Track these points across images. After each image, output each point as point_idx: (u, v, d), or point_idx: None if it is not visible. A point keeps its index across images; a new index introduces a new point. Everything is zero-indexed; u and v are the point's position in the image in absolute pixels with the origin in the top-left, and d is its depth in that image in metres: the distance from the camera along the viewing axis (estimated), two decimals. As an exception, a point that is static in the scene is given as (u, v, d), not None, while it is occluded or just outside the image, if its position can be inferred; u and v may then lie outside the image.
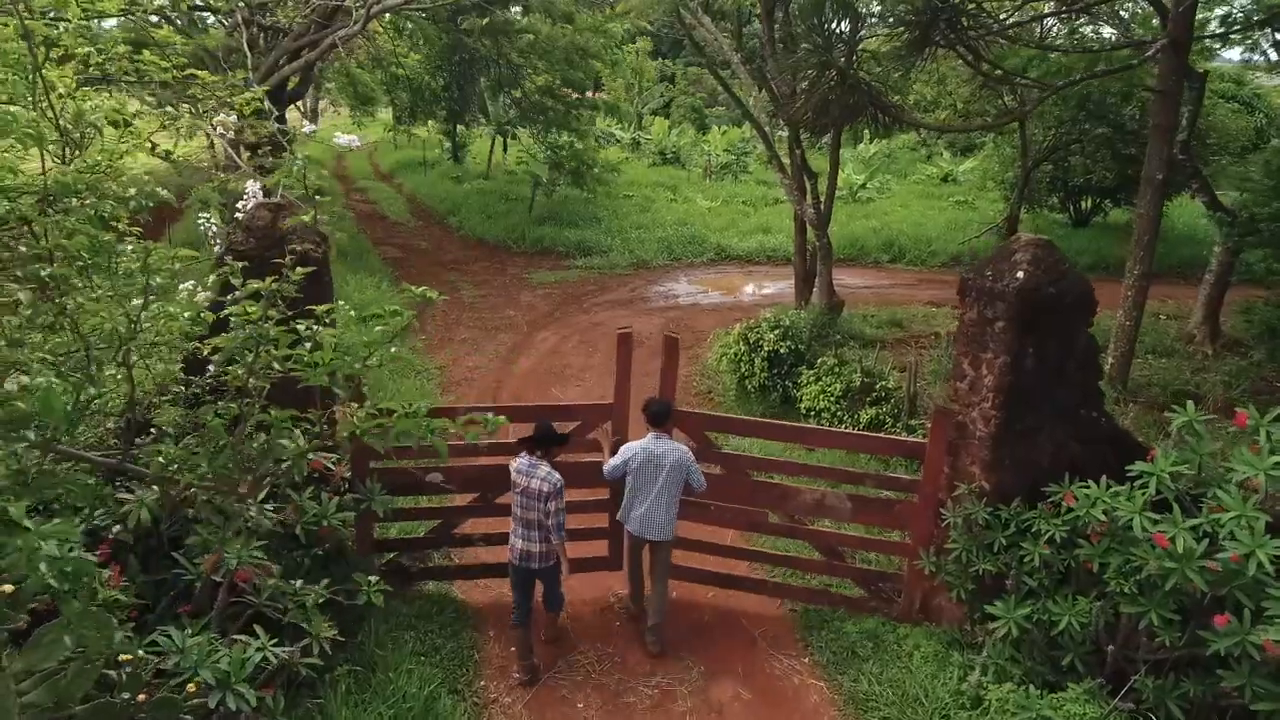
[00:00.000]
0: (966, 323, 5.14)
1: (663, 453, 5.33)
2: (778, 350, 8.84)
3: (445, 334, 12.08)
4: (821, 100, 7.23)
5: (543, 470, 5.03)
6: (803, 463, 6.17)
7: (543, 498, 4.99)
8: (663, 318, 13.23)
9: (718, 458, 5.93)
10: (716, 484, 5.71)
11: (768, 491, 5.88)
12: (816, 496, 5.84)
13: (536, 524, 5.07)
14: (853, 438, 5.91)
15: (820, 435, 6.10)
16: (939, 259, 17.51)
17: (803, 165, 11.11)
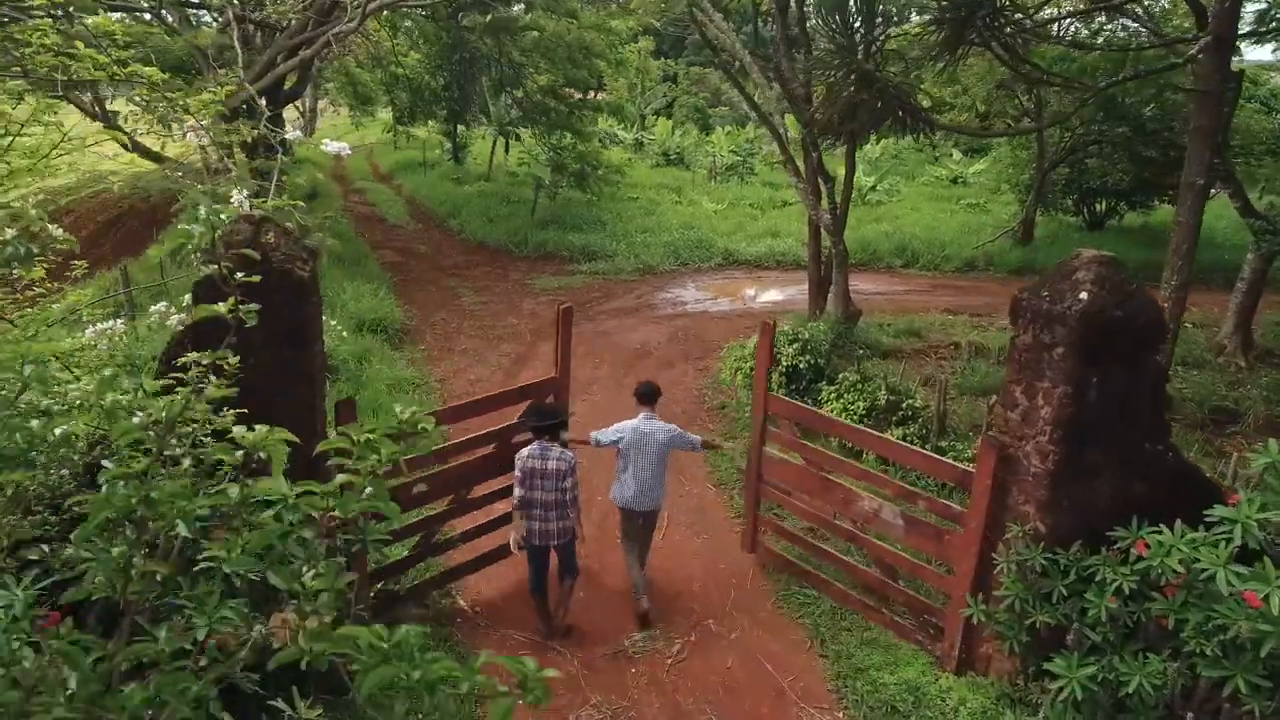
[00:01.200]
0: (1019, 347, 4.67)
1: (652, 431, 5.81)
2: (796, 365, 8.37)
3: (446, 344, 11.61)
4: (847, 104, 6.76)
5: (555, 451, 5.42)
6: (864, 468, 5.78)
7: (561, 476, 5.38)
8: (670, 326, 12.76)
9: (800, 447, 6.08)
10: (795, 473, 6.03)
11: (834, 491, 5.83)
12: (875, 507, 5.58)
13: (555, 504, 5.41)
14: (903, 450, 5.48)
15: (883, 443, 5.71)
16: (953, 264, 17.03)
17: (819, 169, 10.64)
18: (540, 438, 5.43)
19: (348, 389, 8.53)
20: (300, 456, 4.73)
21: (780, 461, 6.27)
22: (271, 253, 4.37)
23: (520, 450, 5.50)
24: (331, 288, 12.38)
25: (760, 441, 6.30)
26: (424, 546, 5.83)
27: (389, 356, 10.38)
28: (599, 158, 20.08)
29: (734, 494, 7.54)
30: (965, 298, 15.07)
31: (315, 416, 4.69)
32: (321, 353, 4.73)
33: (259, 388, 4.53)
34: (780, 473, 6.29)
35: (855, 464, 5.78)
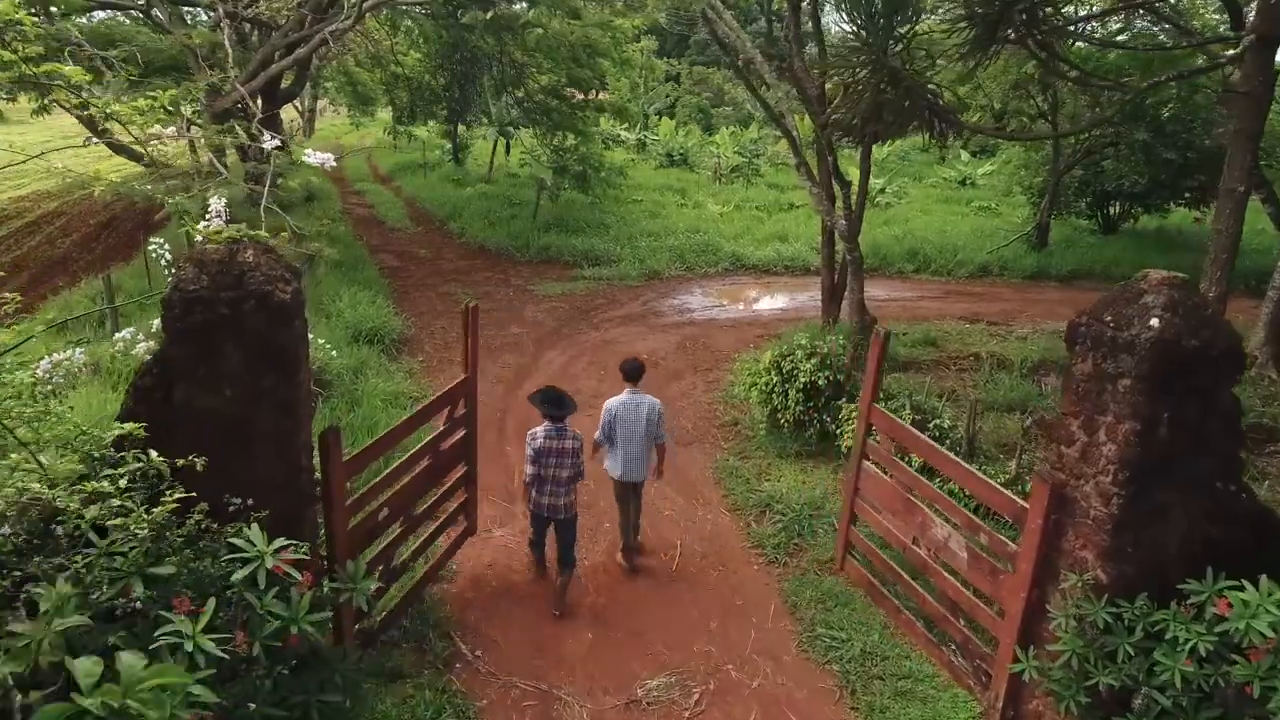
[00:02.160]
0: (1077, 377, 4.23)
1: (639, 403, 6.22)
2: (815, 381, 7.93)
3: (444, 354, 11.17)
4: (871, 104, 6.31)
5: (570, 432, 5.91)
6: (940, 492, 5.37)
7: (575, 454, 5.88)
8: (678, 335, 12.32)
9: (891, 463, 5.82)
10: (883, 489, 5.82)
11: (915, 514, 5.49)
12: (945, 535, 5.21)
13: (566, 480, 5.88)
14: (967, 476, 5.06)
15: (946, 460, 5.30)
16: (966, 269, 16.59)
17: (834, 172, 10.19)
18: (553, 420, 5.87)
19: (342, 406, 8.09)
20: (282, 493, 4.32)
21: (875, 477, 5.91)
22: (249, 273, 3.93)
23: (533, 430, 5.93)
24: (328, 295, 11.96)
25: (861, 454, 5.93)
26: (387, 574, 5.49)
27: (386, 369, 9.94)
28: (602, 159, 19.63)
29: (750, 520, 7.10)
30: (980, 304, 14.62)
31: (298, 450, 4.25)
32: (306, 381, 4.29)
33: (236, 420, 4.09)
34: (873, 490, 5.98)
35: (933, 487, 5.37)
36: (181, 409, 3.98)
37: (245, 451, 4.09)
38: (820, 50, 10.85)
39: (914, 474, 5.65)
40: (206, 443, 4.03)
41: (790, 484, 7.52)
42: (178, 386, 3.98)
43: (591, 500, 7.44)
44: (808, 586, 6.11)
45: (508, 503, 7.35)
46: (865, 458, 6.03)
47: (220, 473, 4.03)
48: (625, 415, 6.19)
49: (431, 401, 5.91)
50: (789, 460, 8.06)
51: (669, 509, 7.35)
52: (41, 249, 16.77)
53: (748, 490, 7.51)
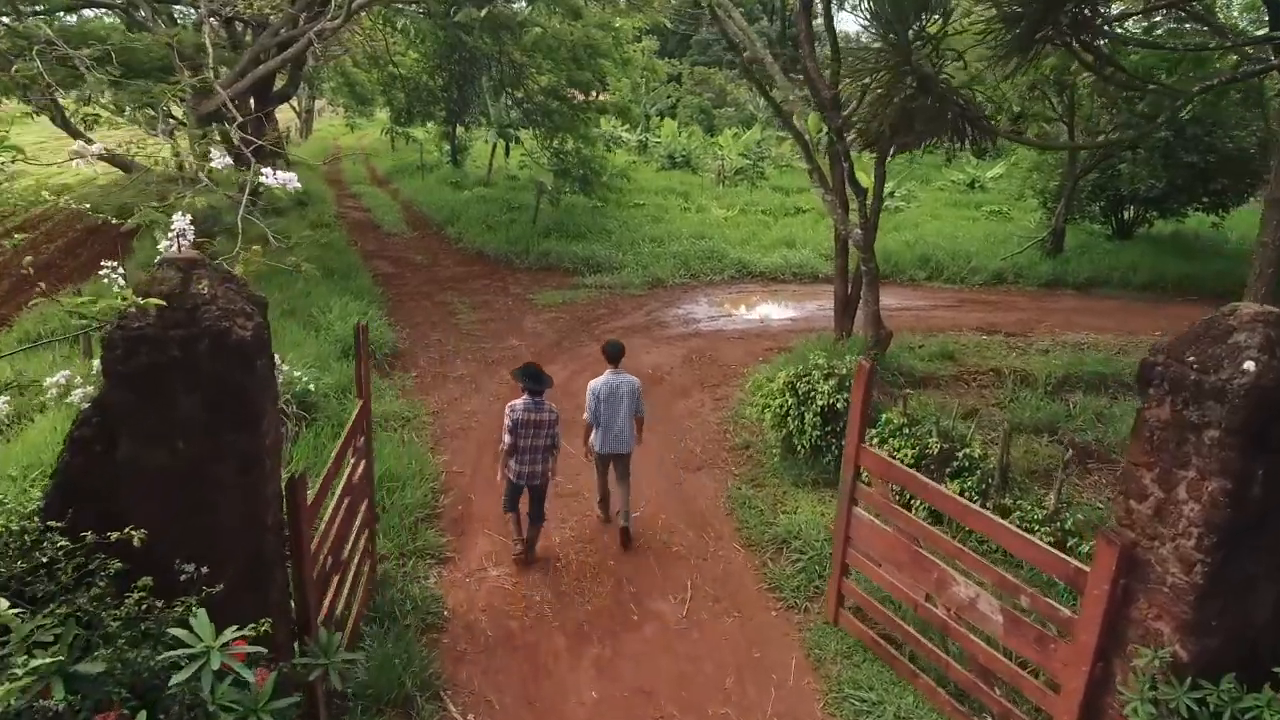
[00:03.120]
0: (1151, 423, 3.71)
1: (621, 382, 6.67)
2: (834, 404, 7.41)
3: (440, 369, 10.64)
4: (900, 110, 5.80)
5: (546, 405, 6.37)
6: (961, 546, 4.78)
7: (550, 425, 6.35)
8: (684, 348, 11.81)
9: (891, 511, 5.25)
10: (885, 541, 5.29)
11: (926, 569, 4.93)
12: (971, 594, 4.65)
13: (542, 449, 6.35)
14: (1007, 534, 4.49)
15: (981, 519, 4.70)
16: (979, 277, 16.06)
17: (850, 179, 9.68)
18: (532, 395, 6.29)
19: (326, 432, 7.56)
20: (246, 555, 3.79)
21: (869, 525, 5.33)
22: (204, 307, 3.41)
23: (513, 403, 6.33)
24: (318, 305, 11.44)
25: (850, 500, 5.37)
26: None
27: (376, 386, 9.39)
28: (604, 162, 19.11)
29: (766, 558, 6.58)
30: (996, 314, 14.11)
31: (263, 508, 3.73)
32: (274, 429, 3.77)
33: (191, 476, 3.58)
34: (869, 539, 5.36)
35: (951, 541, 4.81)
36: (126, 464, 3.47)
37: (201, 511, 3.58)
38: (833, 50, 10.33)
39: (924, 525, 5.09)
40: (156, 501, 3.53)
41: (808, 516, 7.00)
42: (122, 438, 3.46)
43: (593, 535, 6.93)
44: (832, 638, 5.59)
45: (504, 536, 6.84)
46: (855, 503, 5.47)
47: (172, 535, 3.52)
48: (608, 395, 6.64)
49: (347, 434, 5.25)
50: (805, 489, 7.54)
51: (678, 543, 6.84)
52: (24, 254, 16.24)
53: (762, 523, 6.99)
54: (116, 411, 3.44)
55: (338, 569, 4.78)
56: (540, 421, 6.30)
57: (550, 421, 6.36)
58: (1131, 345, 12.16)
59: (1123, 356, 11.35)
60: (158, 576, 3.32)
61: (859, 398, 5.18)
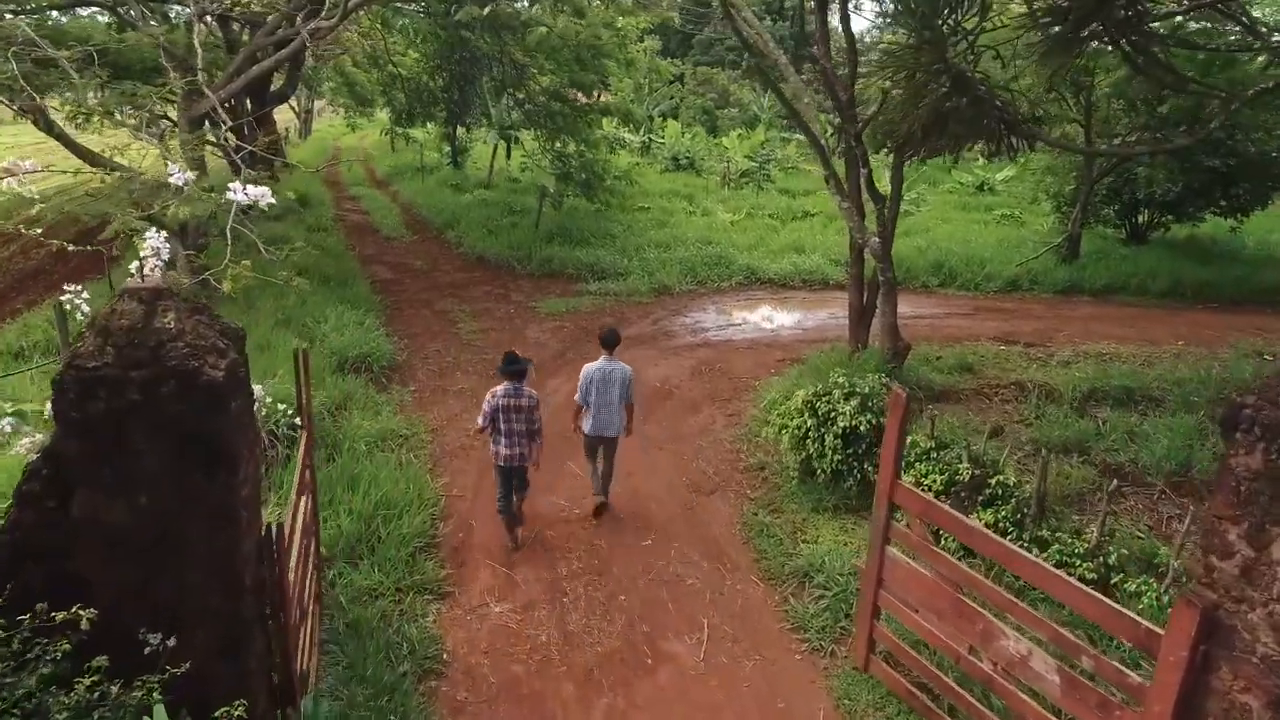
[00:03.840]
0: (1240, 473, 3.30)
1: (613, 369, 6.87)
2: (855, 426, 7.00)
3: (439, 382, 10.23)
4: (934, 113, 5.39)
5: (526, 390, 6.59)
6: (1012, 599, 4.34)
7: (530, 410, 6.55)
8: (692, 359, 11.39)
9: (932, 555, 4.79)
10: (923, 586, 4.87)
11: (971, 619, 4.48)
12: (1023, 651, 4.21)
13: (522, 433, 6.54)
14: (1067, 589, 4.04)
15: (1034, 568, 4.24)
16: (994, 283, 15.65)
17: (869, 187, 9.27)
18: (512, 380, 6.51)
19: (320, 455, 7.14)
20: (221, 619, 3.38)
21: (905, 567, 4.90)
22: (170, 344, 3.01)
23: (494, 389, 6.58)
24: (313, 315, 11.03)
25: (883, 539, 4.95)
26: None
27: (373, 402, 9.00)
28: (606, 166, 18.69)
29: (788, 593, 6.17)
30: (1012, 323, 13.70)
31: (239, 566, 3.32)
32: (252, 478, 3.36)
33: (156, 534, 3.18)
34: (904, 583, 4.93)
35: (1003, 593, 4.37)
36: (82, 521, 3.06)
37: (169, 572, 3.17)
38: (850, 50, 9.92)
39: (970, 573, 4.65)
40: (117, 562, 3.13)
41: (830, 546, 6.60)
42: (77, 492, 3.05)
43: (602, 568, 6.52)
44: (863, 687, 5.17)
45: (507, 569, 6.43)
46: (888, 542, 5.04)
47: (135, 600, 3.12)
48: (600, 380, 6.83)
49: (300, 471, 4.77)
50: (826, 516, 7.13)
51: (693, 577, 6.43)
52: (15, 260, 15.86)
53: (782, 554, 6.58)
54: (70, 463, 3.03)
55: (304, 620, 4.36)
56: (520, 406, 6.53)
57: (529, 407, 6.57)
58: (1155, 356, 11.75)
59: (1147, 369, 10.93)
60: (118, 648, 2.92)
61: (894, 429, 4.76)
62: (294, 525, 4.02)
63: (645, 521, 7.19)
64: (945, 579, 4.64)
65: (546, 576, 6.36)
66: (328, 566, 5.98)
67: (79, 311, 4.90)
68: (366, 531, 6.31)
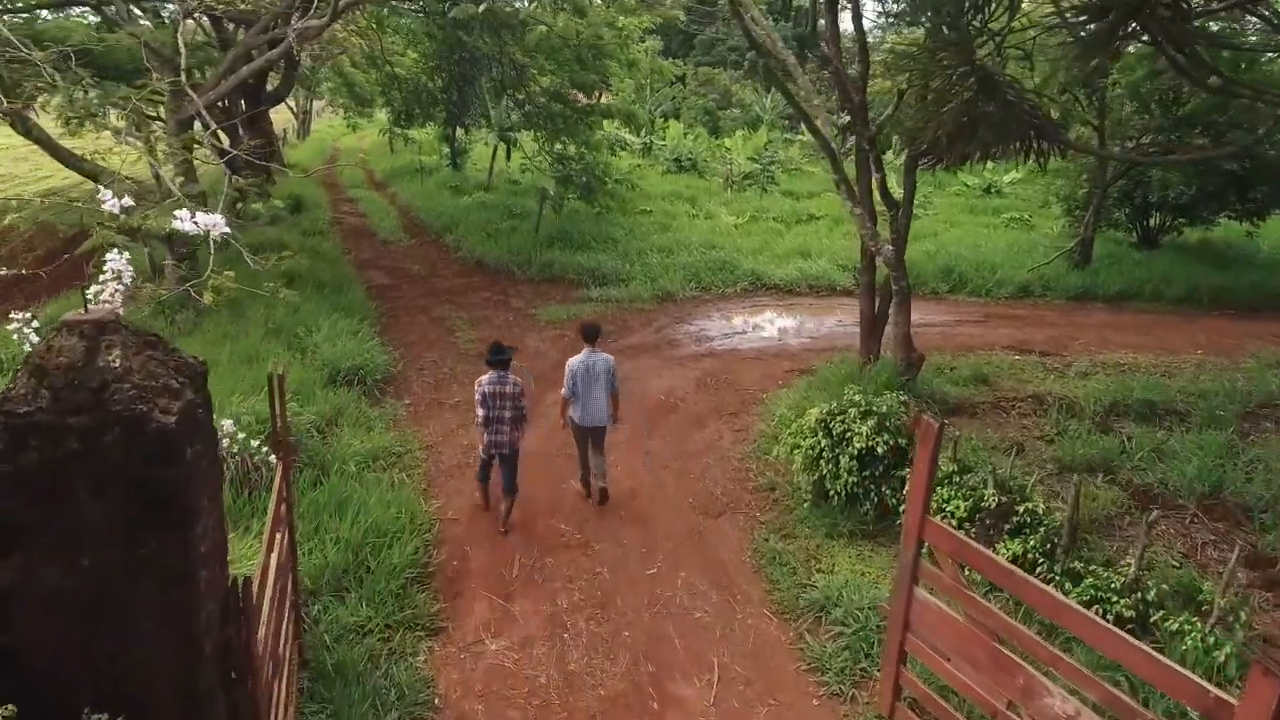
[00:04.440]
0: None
1: (596, 361, 7.14)
2: (872, 448, 6.62)
3: (435, 394, 9.85)
4: (960, 117, 5.02)
5: (510, 379, 6.81)
6: (1058, 653, 3.93)
7: (514, 397, 6.78)
8: (697, 369, 11.02)
9: (967, 600, 4.36)
10: (955, 632, 4.46)
11: (1010, 671, 4.07)
12: (1070, 711, 3.79)
13: (507, 420, 6.77)
14: (1124, 646, 3.63)
15: (1084, 622, 3.82)
16: (1005, 289, 15.27)
17: (883, 192, 8.90)
18: (496, 369, 6.77)
19: (305, 479, 6.76)
20: (177, 689, 3.01)
21: (936, 611, 4.50)
22: (114, 385, 2.63)
23: (480, 379, 6.87)
24: (305, 324, 10.65)
25: (911, 579, 4.56)
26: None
27: (365, 417, 8.63)
28: (608, 168, 18.32)
29: (803, 629, 5.79)
30: (1026, 330, 13.32)
31: (197, 630, 2.94)
32: (212, 532, 2.98)
33: (102, 601, 2.80)
34: (935, 627, 4.53)
35: (1048, 647, 3.97)
36: (16, 585, 2.68)
37: (116, 641, 2.80)
38: (861, 51, 9.56)
39: (1011, 622, 4.24)
40: (56, 630, 2.75)
41: (847, 575, 6.22)
42: (11, 553, 2.68)
43: (605, 599, 6.14)
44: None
45: (505, 601, 6.05)
46: (915, 582, 4.65)
47: (79, 671, 2.74)
48: (584, 372, 7.11)
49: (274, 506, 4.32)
50: (841, 542, 6.75)
51: (702, 609, 6.05)
52: (2, 265, 15.46)
53: (796, 584, 6.20)
54: (1, 520, 2.66)
55: (277, 675, 3.98)
56: (505, 394, 6.78)
57: (514, 394, 6.82)
58: (1175, 366, 11.37)
59: (1169, 380, 10.54)
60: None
61: (924, 461, 4.39)
62: (265, 576, 3.64)
63: (651, 546, 6.82)
64: (981, 626, 4.26)
65: (546, 609, 5.98)
66: (312, 601, 5.60)
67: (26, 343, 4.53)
68: (354, 562, 5.93)
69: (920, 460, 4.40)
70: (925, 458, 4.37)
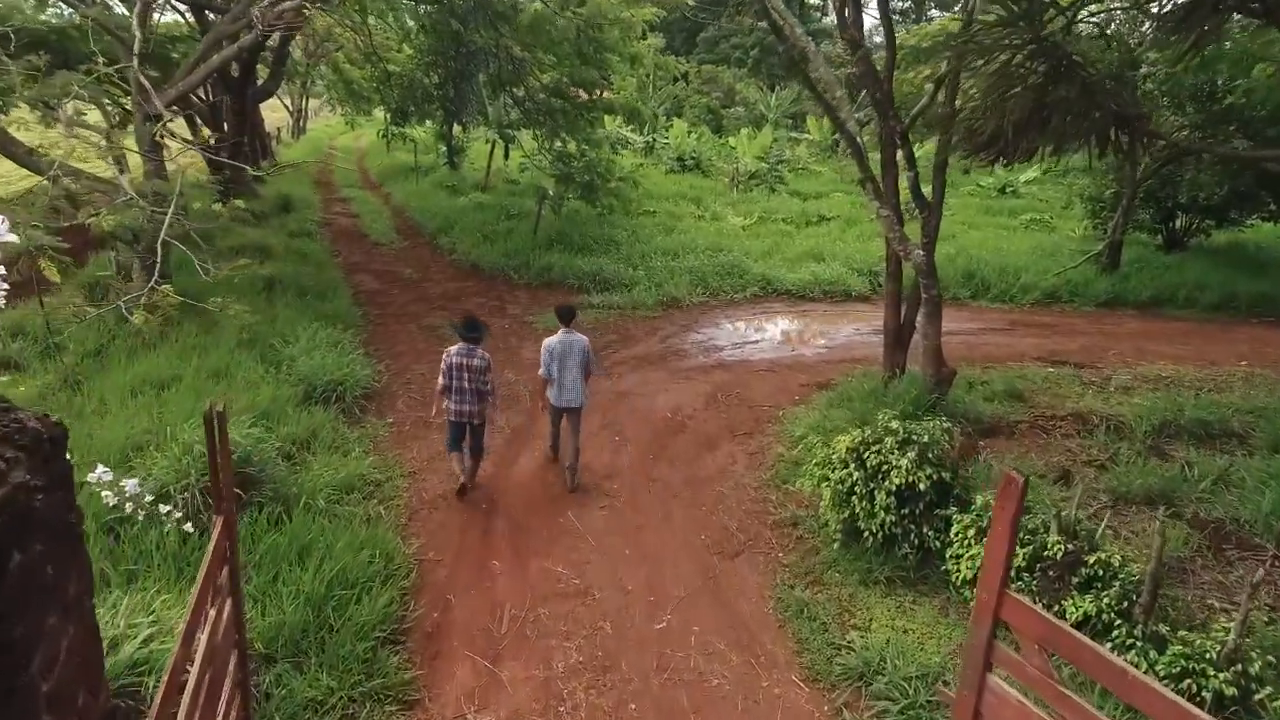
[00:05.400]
0: None
1: (572, 341, 7.25)
2: (913, 483, 5.79)
3: (422, 412, 8.98)
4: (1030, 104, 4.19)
5: (479, 352, 7.01)
6: None
7: (482, 370, 6.98)
8: (707, 383, 10.18)
9: (1058, 699, 3.40)
10: None
11: None
12: None
13: (474, 391, 6.98)
14: None
15: None
16: (1031, 295, 14.46)
17: (915, 192, 8.07)
18: (466, 341, 6.92)
19: (265, 519, 5.91)
20: None
21: (1017, 707, 3.64)
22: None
23: (449, 349, 7.03)
24: (282, 334, 9.82)
25: (984, 665, 3.71)
26: None
27: (342, 440, 7.80)
28: (610, 168, 17.50)
29: (839, 702, 4.94)
30: (1055, 339, 12.50)
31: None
32: (71, 654, 2.14)
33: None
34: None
35: None
36: None
37: None
38: (888, 37, 8.74)
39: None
40: None
41: (887, 633, 5.39)
42: None
43: (607, 661, 5.30)
44: None
45: (491, 664, 5.22)
46: (989, 668, 3.79)
47: None
48: (561, 352, 7.21)
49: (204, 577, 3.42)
50: (878, 591, 5.91)
51: (719, 674, 5.21)
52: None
53: (828, 644, 5.37)
54: None
55: None
56: (472, 366, 6.93)
57: (481, 368, 6.94)
58: (1222, 380, 10.54)
59: (1219, 395, 9.71)
60: None
61: (1004, 523, 3.54)
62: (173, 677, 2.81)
63: (659, 594, 5.99)
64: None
65: (539, 674, 5.15)
66: (266, 668, 4.77)
67: None
68: (316, 621, 5.09)
69: (999, 523, 3.56)
70: (1005, 520, 3.53)
